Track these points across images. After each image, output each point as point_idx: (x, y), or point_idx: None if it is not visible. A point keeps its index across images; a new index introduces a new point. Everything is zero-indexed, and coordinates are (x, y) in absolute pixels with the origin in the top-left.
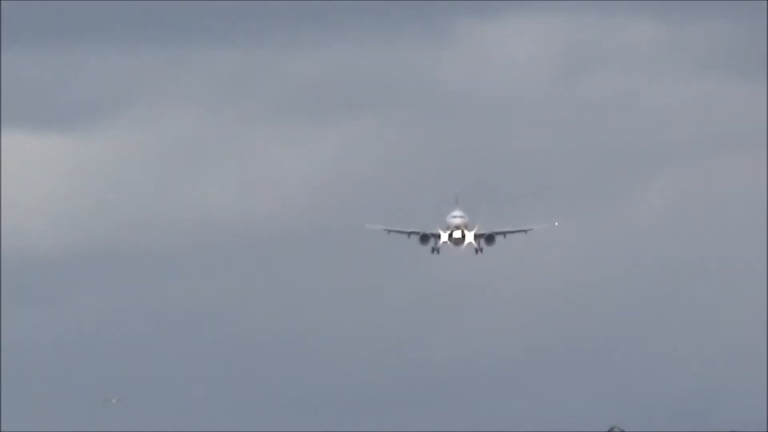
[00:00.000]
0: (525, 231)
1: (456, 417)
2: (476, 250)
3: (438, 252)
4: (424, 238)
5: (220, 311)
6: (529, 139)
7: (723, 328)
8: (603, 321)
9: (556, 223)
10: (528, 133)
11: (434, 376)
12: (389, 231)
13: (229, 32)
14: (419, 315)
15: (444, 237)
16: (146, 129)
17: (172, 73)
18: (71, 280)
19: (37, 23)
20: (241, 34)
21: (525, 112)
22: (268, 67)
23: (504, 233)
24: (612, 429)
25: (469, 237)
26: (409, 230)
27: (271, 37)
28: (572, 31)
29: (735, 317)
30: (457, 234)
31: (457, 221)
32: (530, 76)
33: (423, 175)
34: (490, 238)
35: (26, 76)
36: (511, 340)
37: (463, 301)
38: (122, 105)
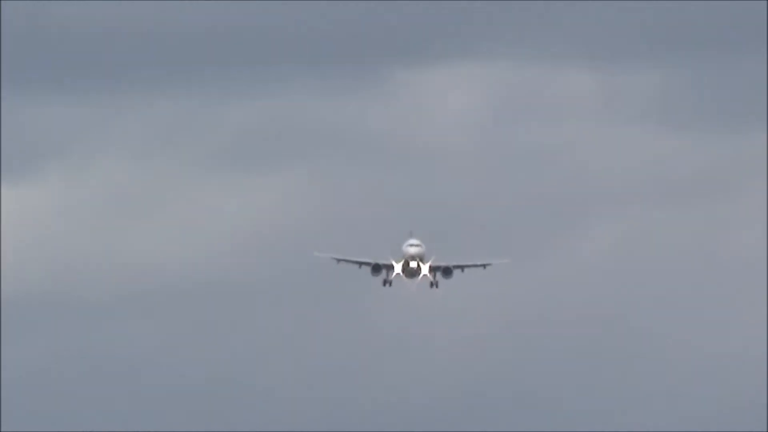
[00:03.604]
0: (483, 266)
1: None
2: (431, 284)
3: (390, 284)
4: (377, 268)
5: (160, 357)
6: (466, 186)
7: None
8: (559, 360)
9: (508, 260)
10: (464, 180)
11: (385, 414)
12: (338, 260)
13: (162, 82)
14: (371, 350)
15: (397, 268)
16: (79, 178)
17: (104, 122)
18: (3, 329)
19: None
20: (174, 84)
21: (460, 161)
22: (201, 116)
23: (462, 267)
24: None
25: (424, 269)
26: (360, 260)
27: (204, 86)
28: (507, 82)
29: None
30: (413, 264)
31: (414, 250)
32: (465, 126)
33: (367, 215)
34: (447, 271)
35: None
36: (468, 379)
37: (419, 337)
38: (54, 154)
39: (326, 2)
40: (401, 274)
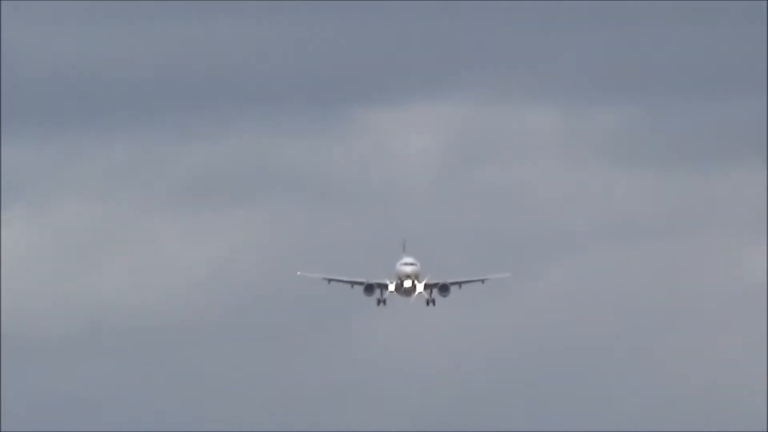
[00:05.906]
0: (482, 281)
1: None
2: (428, 302)
3: (384, 303)
4: (369, 288)
5: (133, 395)
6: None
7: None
8: (560, 377)
9: (508, 275)
10: (426, 218)
11: None
12: (329, 280)
13: (122, 121)
14: (367, 373)
15: (391, 287)
16: (39, 219)
17: (64, 163)
18: None
19: None
20: (135, 123)
21: (423, 198)
22: (162, 156)
23: (459, 283)
24: None
25: (419, 287)
26: (352, 279)
27: (165, 125)
28: (468, 121)
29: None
30: (407, 284)
31: (409, 269)
32: (426, 165)
33: (344, 244)
34: (444, 288)
35: None
36: (468, 400)
37: (414, 359)
38: (14, 195)
39: (288, 43)
40: (395, 292)
